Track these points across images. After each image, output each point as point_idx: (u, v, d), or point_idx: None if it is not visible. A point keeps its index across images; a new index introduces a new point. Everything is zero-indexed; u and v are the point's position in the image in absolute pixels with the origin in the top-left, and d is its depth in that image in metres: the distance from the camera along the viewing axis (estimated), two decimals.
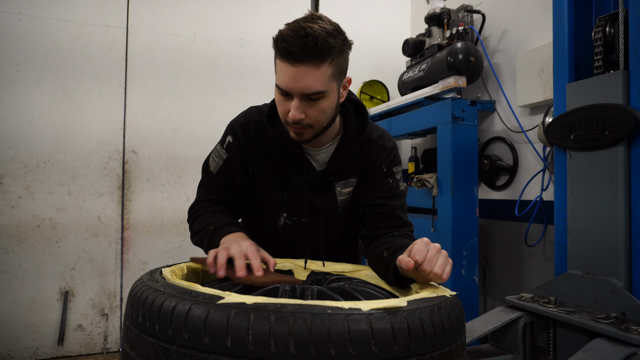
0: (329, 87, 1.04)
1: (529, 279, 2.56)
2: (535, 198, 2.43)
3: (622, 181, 1.59)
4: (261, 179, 1.24)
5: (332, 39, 1.00)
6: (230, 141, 1.24)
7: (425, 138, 3.35)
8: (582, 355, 1.36)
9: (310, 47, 0.97)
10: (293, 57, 0.99)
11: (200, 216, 1.21)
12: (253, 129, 1.22)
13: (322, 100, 1.05)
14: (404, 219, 1.24)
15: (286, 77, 1.02)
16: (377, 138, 1.25)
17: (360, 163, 1.24)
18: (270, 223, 1.29)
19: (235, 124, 1.25)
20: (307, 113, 1.06)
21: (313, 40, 0.97)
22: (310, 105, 1.05)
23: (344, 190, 1.24)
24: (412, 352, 0.68)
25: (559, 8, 1.87)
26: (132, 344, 0.74)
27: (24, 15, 2.85)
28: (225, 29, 3.33)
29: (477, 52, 2.68)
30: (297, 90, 1.02)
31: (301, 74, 1.00)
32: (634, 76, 1.56)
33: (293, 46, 0.97)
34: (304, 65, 0.99)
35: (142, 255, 3.09)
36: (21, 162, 2.83)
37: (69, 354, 2.90)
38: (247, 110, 1.27)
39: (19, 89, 2.83)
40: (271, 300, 0.67)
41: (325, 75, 1.02)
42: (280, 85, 1.04)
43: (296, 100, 1.04)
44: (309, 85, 1.01)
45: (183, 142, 3.20)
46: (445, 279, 0.89)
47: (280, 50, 1.01)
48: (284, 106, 1.07)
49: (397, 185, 1.25)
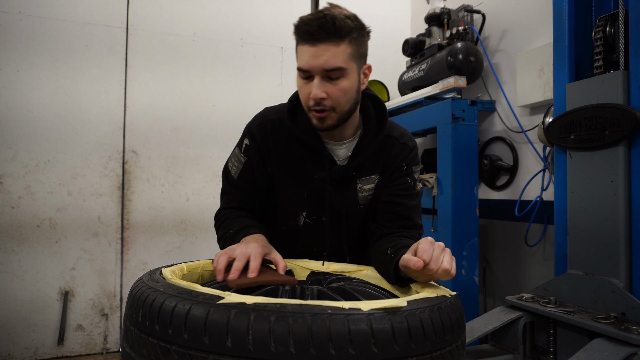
0: (349, 66, 1.07)
1: (529, 279, 2.56)
2: (535, 198, 2.43)
3: (622, 181, 1.59)
4: (280, 178, 1.24)
5: (350, 21, 1.05)
6: (247, 144, 1.24)
7: (425, 138, 3.35)
8: (582, 355, 1.36)
9: (328, 26, 1.02)
10: (313, 37, 1.03)
11: (223, 222, 1.22)
12: (270, 128, 1.23)
13: (343, 79, 1.07)
14: (416, 220, 1.24)
15: (307, 56, 1.05)
16: (399, 136, 1.26)
17: (382, 160, 1.24)
18: (290, 224, 1.28)
19: (252, 126, 1.25)
20: (329, 92, 1.07)
21: (331, 19, 1.02)
22: (331, 84, 1.07)
23: (365, 187, 1.24)
24: (412, 352, 0.68)
25: (559, 8, 1.87)
26: (132, 344, 0.74)
27: (24, 15, 2.85)
28: (225, 29, 3.33)
29: (477, 52, 2.68)
30: (318, 67, 1.04)
31: (321, 51, 1.03)
32: (634, 76, 1.56)
33: (312, 27, 1.02)
34: (323, 44, 1.03)
35: (142, 255, 3.09)
36: (21, 162, 2.83)
37: (69, 354, 2.90)
38: (263, 111, 1.28)
39: (19, 89, 2.83)
40: (271, 301, 0.67)
41: (344, 53, 1.05)
42: (302, 66, 1.06)
43: (317, 79, 1.06)
44: (329, 61, 1.04)
45: (183, 142, 3.20)
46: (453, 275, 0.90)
47: (300, 33, 1.05)
48: (306, 90, 1.09)
49: (414, 184, 1.25)
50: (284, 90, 3.46)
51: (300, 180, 1.23)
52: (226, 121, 3.28)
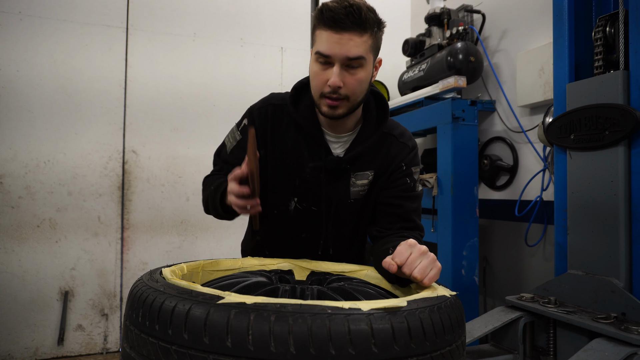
0: (368, 57, 1.08)
1: (529, 279, 2.56)
2: (535, 198, 2.43)
3: (622, 181, 1.59)
4: (274, 163, 1.24)
5: (372, 14, 1.07)
6: (245, 124, 1.25)
7: (425, 138, 3.35)
8: (582, 355, 1.36)
9: (355, 16, 1.02)
10: (338, 24, 1.03)
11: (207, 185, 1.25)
12: (271, 112, 1.24)
13: (361, 69, 1.08)
14: (417, 222, 1.23)
15: (330, 42, 1.04)
16: (398, 135, 1.25)
17: (379, 157, 1.23)
18: (281, 208, 1.28)
19: (253, 108, 1.27)
20: (346, 82, 1.07)
21: (358, 9, 1.03)
22: (349, 74, 1.07)
23: (358, 182, 1.23)
24: (412, 352, 0.68)
25: (559, 8, 1.87)
26: (132, 344, 0.74)
27: (24, 15, 2.85)
28: (225, 29, 3.33)
29: (477, 52, 2.68)
30: (340, 55, 1.04)
31: (345, 39, 1.04)
32: (634, 76, 1.56)
33: (338, 14, 1.02)
34: (348, 33, 1.03)
35: (142, 255, 3.09)
36: (21, 162, 2.83)
37: (69, 354, 2.90)
38: (268, 96, 1.30)
39: (19, 89, 2.83)
40: (271, 300, 0.67)
41: (367, 44, 1.06)
42: (323, 50, 1.06)
43: (337, 67, 1.06)
44: (352, 50, 1.04)
45: (183, 142, 3.20)
46: (427, 284, 0.87)
47: (324, 19, 1.04)
48: (322, 76, 1.09)
49: (414, 186, 1.24)
50: (283, 90, 3.45)
51: (294, 167, 1.23)
52: (226, 121, 3.28)
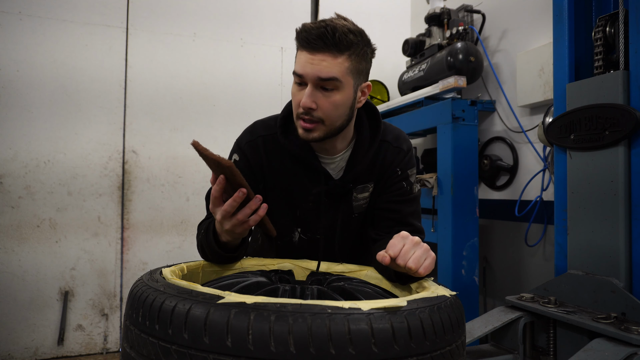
0: (344, 80, 1.04)
1: (529, 279, 2.56)
2: (535, 198, 2.43)
3: (622, 181, 1.59)
4: (274, 196, 1.21)
5: (353, 35, 1.02)
6: (236, 159, 1.20)
7: (425, 138, 3.35)
8: (582, 355, 1.36)
9: (328, 37, 1.00)
10: (311, 45, 1.01)
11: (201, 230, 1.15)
12: (262, 144, 1.19)
13: (336, 92, 1.04)
14: (416, 225, 1.21)
15: (303, 62, 1.03)
16: (392, 140, 1.22)
17: (377, 167, 1.21)
18: (286, 240, 1.26)
19: (241, 142, 1.21)
20: (319, 103, 1.04)
21: (332, 30, 1.00)
22: (323, 95, 1.04)
23: (360, 195, 1.22)
24: (412, 351, 0.68)
25: (559, 8, 1.87)
26: (132, 344, 0.74)
27: (24, 15, 2.85)
28: (225, 29, 3.33)
29: (477, 52, 2.68)
30: (312, 75, 1.02)
31: (317, 60, 1.01)
32: (634, 76, 1.56)
33: (312, 34, 1.00)
34: (321, 53, 1.01)
35: (142, 255, 3.09)
36: (21, 162, 2.83)
37: (69, 354, 2.90)
38: (252, 126, 1.24)
39: (19, 89, 2.83)
40: (271, 300, 0.67)
41: (342, 66, 1.02)
42: (297, 70, 1.04)
43: (310, 87, 1.03)
44: (324, 70, 1.01)
45: (183, 142, 3.20)
46: (422, 274, 0.88)
47: (300, 40, 1.03)
48: (298, 97, 1.06)
49: (411, 189, 1.22)
50: (284, 90, 3.46)
51: (296, 196, 1.20)
52: (226, 121, 3.29)
